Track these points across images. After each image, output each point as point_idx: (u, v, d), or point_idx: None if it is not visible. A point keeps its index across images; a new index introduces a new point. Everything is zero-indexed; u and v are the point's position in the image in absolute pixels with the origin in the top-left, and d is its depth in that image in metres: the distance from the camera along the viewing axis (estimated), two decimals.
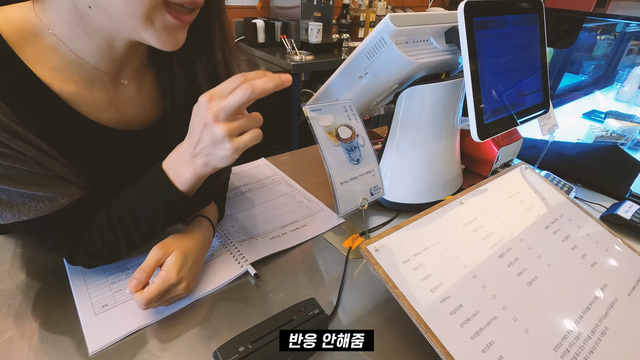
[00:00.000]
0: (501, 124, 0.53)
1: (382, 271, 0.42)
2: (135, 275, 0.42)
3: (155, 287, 0.42)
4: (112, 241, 0.45)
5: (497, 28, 0.51)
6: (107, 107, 0.45)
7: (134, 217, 0.44)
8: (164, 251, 0.44)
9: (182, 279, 0.45)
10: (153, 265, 0.43)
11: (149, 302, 0.42)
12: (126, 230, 0.45)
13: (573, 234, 0.55)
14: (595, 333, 0.43)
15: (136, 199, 0.44)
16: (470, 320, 0.40)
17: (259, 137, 0.39)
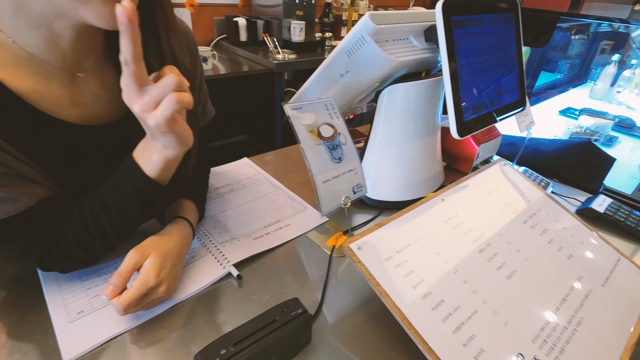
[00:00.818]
0: (480, 121, 0.54)
1: (364, 269, 0.42)
2: (111, 280, 0.41)
3: (134, 292, 0.41)
4: (87, 239, 0.44)
5: (475, 27, 0.52)
6: (68, 104, 0.43)
7: (107, 211, 0.43)
8: (141, 254, 0.43)
9: (161, 282, 0.44)
10: (130, 269, 0.42)
11: (127, 307, 0.41)
12: (100, 225, 0.43)
13: (550, 228, 0.57)
14: (571, 323, 0.44)
15: (109, 191, 0.43)
16: (451, 315, 0.41)
17: (173, 103, 0.36)
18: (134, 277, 0.43)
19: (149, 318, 0.45)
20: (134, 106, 0.37)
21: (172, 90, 0.36)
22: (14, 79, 0.39)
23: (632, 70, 1.52)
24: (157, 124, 0.37)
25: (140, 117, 0.38)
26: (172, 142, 0.40)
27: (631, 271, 0.54)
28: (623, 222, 0.66)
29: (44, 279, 0.49)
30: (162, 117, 0.36)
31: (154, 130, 0.38)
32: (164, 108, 0.36)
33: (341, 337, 0.45)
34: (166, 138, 0.39)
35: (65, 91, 0.43)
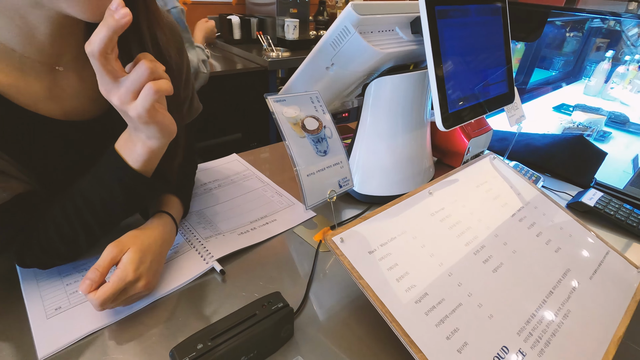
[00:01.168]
0: (466, 113, 0.54)
1: (347, 262, 0.41)
2: (88, 275, 0.40)
3: (111, 286, 0.40)
4: (70, 234, 0.43)
5: (460, 17, 0.51)
6: (46, 98, 0.42)
7: (90, 204, 0.42)
8: (119, 249, 0.42)
9: (140, 277, 0.43)
10: (107, 264, 0.41)
11: (104, 302, 0.40)
12: (84, 219, 0.43)
13: (538, 221, 0.56)
14: (557, 316, 0.43)
15: (92, 184, 0.42)
16: (435, 308, 0.40)
17: (151, 92, 0.35)
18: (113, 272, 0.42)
19: (128, 314, 0.44)
20: (112, 98, 0.36)
21: (147, 77, 0.35)
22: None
23: (626, 67, 1.52)
24: (138, 115, 0.36)
25: (121, 110, 0.37)
26: (155, 132, 0.39)
27: (619, 264, 0.54)
28: (613, 215, 0.65)
29: (22, 274, 0.48)
30: (143, 107, 0.36)
31: (136, 122, 0.37)
32: (143, 99, 0.35)
33: (325, 332, 0.44)
34: (149, 129, 0.39)
35: (43, 85, 0.42)
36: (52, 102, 0.43)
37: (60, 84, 0.44)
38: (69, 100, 0.45)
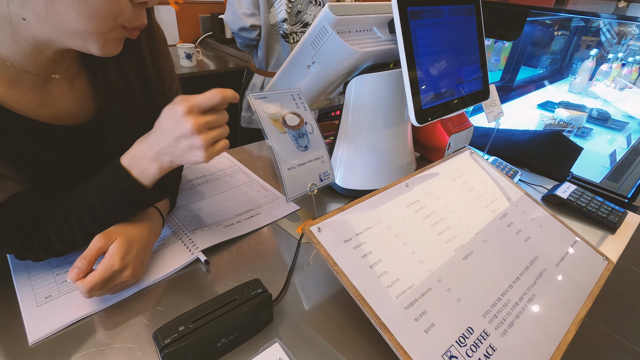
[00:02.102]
0: (440, 109, 0.56)
1: (322, 249, 0.44)
2: (76, 263, 0.42)
3: (98, 274, 0.42)
4: (70, 236, 0.46)
5: (433, 17, 0.53)
6: (38, 104, 0.44)
7: (93, 211, 0.45)
8: (106, 239, 0.44)
9: (126, 266, 0.45)
10: (94, 253, 0.43)
11: (91, 289, 0.42)
12: (85, 224, 0.45)
13: (511, 213, 0.59)
14: (522, 300, 0.46)
15: (95, 194, 0.45)
16: (405, 293, 0.42)
17: (227, 146, 0.44)
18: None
19: (116, 301, 0.46)
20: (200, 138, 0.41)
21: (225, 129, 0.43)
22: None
23: (609, 65, 1.56)
24: (209, 158, 0.43)
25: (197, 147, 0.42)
26: (189, 163, 0.44)
27: (586, 252, 0.57)
28: (584, 207, 0.68)
29: (14, 265, 0.50)
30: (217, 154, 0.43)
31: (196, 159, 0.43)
32: (221, 148, 0.44)
33: (304, 318, 0.47)
34: (188, 162, 0.44)
35: (36, 93, 0.44)
36: (44, 108, 0.45)
37: (51, 91, 0.46)
38: (59, 105, 0.47)
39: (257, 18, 1.30)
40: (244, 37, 1.35)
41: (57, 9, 0.35)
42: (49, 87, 0.45)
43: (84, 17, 0.36)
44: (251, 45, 1.40)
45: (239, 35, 1.34)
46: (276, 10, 1.30)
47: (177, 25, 1.93)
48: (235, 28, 1.32)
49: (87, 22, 0.37)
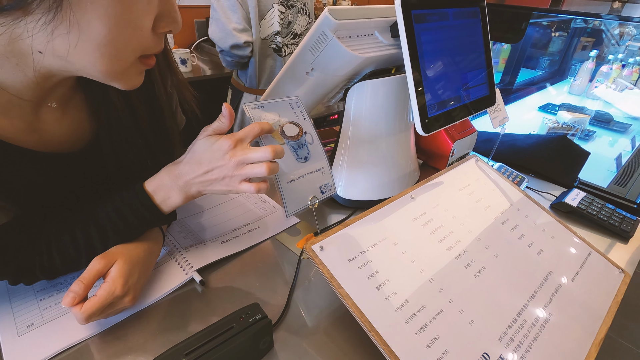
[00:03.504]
0: (446, 116, 0.53)
1: (326, 271, 0.41)
2: (72, 287, 0.39)
3: (98, 301, 0.39)
4: (74, 257, 0.44)
5: (438, 21, 0.51)
6: (28, 131, 0.41)
7: (104, 234, 0.43)
8: (106, 261, 0.41)
9: (128, 291, 0.42)
10: (93, 277, 0.40)
11: (89, 316, 0.39)
12: (92, 246, 0.43)
13: (521, 224, 0.56)
14: (539, 320, 0.43)
15: (109, 217, 0.43)
16: (415, 316, 0.40)
17: (259, 191, 0.45)
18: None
19: (104, 329, 0.43)
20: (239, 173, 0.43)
21: None
22: None
23: (609, 66, 1.54)
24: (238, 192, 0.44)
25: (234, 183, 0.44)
26: (216, 192, 0.46)
27: (601, 265, 0.54)
28: (595, 215, 0.65)
29: None
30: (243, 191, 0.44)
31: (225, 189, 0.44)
32: (266, 187, 0.45)
33: (306, 342, 0.44)
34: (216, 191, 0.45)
35: (25, 119, 0.41)
36: (34, 134, 0.42)
37: (43, 118, 0.43)
38: (50, 132, 0.43)
39: (249, 33, 1.20)
40: (235, 55, 1.23)
41: (81, 50, 0.33)
42: (40, 112, 0.42)
43: (109, 57, 0.34)
44: (241, 63, 1.29)
45: (230, 53, 1.22)
46: (268, 23, 1.23)
47: None
48: (226, 46, 1.20)
49: (110, 61, 0.35)
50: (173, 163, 0.46)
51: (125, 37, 0.34)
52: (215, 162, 0.43)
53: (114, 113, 0.47)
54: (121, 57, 0.35)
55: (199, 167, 0.43)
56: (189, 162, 0.44)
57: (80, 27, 0.32)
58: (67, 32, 0.32)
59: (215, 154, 0.43)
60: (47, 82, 0.39)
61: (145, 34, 0.36)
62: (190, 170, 0.44)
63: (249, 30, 1.21)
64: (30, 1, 0.29)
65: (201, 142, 0.44)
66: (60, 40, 0.32)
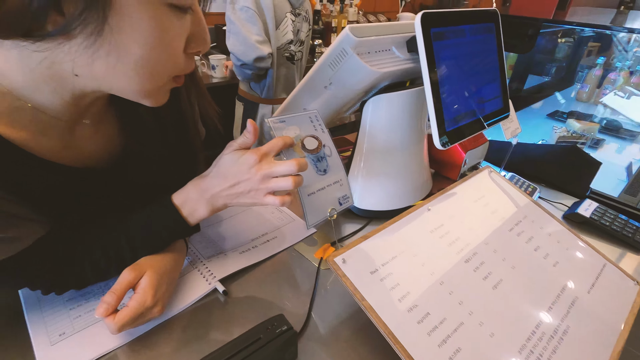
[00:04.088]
0: (463, 130, 0.54)
1: (349, 283, 0.42)
2: (105, 298, 0.40)
3: (130, 311, 0.41)
4: (104, 269, 0.45)
5: (455, 38, 0.52)
6: (63, 148, 0.42)
7: (134, 246, 0.45)
8: (136, 273, 0.43)
9: (158, 301, 0.43)
10: (124, 288, 0.42)
11: (122, 326, 0.40)
12: (122, 258, 0.45)
13: (536, 235, 0.57)
14: (557, 332, 0.44)
15: (139, 230, 0.45)
16: (437, 328, 0.41)
17: (283, 204, 0.46)
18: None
19: (133, 338, 0.44)
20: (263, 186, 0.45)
21: None
22: (8, 129, 0.37)
23: (617, 73, 1.54)
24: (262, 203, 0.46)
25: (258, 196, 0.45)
26: (241, 204, 0.47)
27: (617, 276, 0.55)
28: (609, 226, 0.66)
29: (25, 300, 0.48)
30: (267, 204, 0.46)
31: (250, 202, 0.46)
32: (290, 201, 0.46)
33: (328, 353, 0.45)
34: (241, 203, 0.47)
35: (62, 137, 0.43)
36: (69, 151, 0.43)
37: (77, 135, 0.44)
38: (83, 149, 0.45)
39: (269, 44, 1.20)
40: (256, 68, 1.21)
41: (118, 71, 0.34)
42: (75, 130, 0.44)
43: (144, 77, 0.36)
44: (259, 75, 1.28)
45: (252, 66, 1.20)
46: (282, 32, 1.24)
47: None
48: (250, 59, 1.18)
49: (145, 82, 0.36)
50: (199, 177, 0.47)
51: (160, 59, 0.36)
52: (242, 176, 0.44)
53: (142, 128, 0.48)
54: (156, 77, 0.37)
55: (226, 180, 0.45)
56: (216, 175, 0.45)
57: (119, 50, 0.33)
58: (106, 55, 0.33)
59: (242, 168, 0.44)
60: (82, 102, 0.40)
61: (178, 55, 0.37)
62: (217, 183, 0.45)
63: (268, 41, 1.21)
64: (74, 27, 0.31)
65: (227, 156, 0.46)
66: (99, 62, 0.34)
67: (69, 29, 0.31)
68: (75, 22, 0.30)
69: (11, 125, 0.37)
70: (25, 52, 0.33)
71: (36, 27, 0.30)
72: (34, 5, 0.28)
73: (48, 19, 0.30)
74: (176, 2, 0.34)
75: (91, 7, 0.30)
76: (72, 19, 0.30)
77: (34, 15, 0.29)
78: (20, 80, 0.36)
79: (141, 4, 0.32)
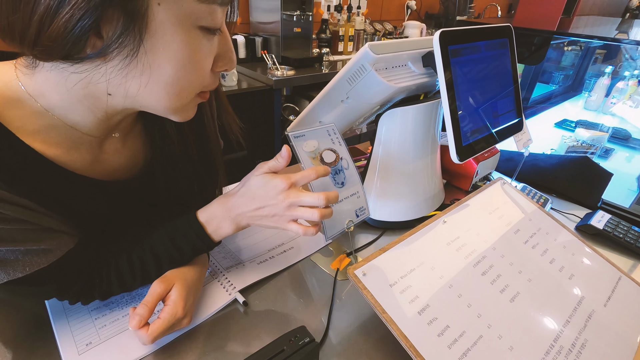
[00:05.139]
0: (479, 144, 0.55)
1: (370, 296, 0.43)
2: (137, 311, 0.42)
3: (162, 322, 0.42)
4: (130, 281, 0.47)
5: (471, 54, 0.53)
6: (92, 163, 0.44)
7: (158, 261, 0.46)
8: (165, 285, 0.44)
9: (187, 312, 0.45)
10: (156, 300, 0.43)
11: (155, 338, 0.42)
12: (147, 271, 0.46)
13: (551, 247, 0.57)
14: (575, 346, 0.44)
15: (165, 245, 0.46)
16: (457, 341, 0.41)
17: (306, 234, 0.46)
18: None
19: (156, 348, 0.45)
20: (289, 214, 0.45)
21: None
22: (41, 144, 0.38)
23: (626, 82, 1.55)
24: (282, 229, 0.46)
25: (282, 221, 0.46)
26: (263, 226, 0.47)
27: (632, 289, 0.55)
28: (622, 238, 0.66)
29: (52, 310, 0.49)
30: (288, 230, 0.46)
31: (273, 225, 0.46)
32: (313, 233, 0.46)
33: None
34: (264, 225, 0.47)
35: (92, 152, 0.44)
36: (98, 165, 0.45)
37: (106, 149, 0.46)
38: (112, 161, 0.47)
39: None
40: None
41: (150, 89, 0.36)
42: (104, 145, 0.45)
43: (173, 95, 0.37)
44: None
45: None
46: None
47: None
48: None
49: (174, 99, 0.38)
50: (225, 195, 0.48)
51: (190, 77, 0.37)
52: (269, 200, 0.44)
53: (168, 142, 0.49)
54: (184, 94, 0.38)
55: (252, 202, 0.45)
56: (243, 195, 0.46)
57: (152, 70, 0.35)
58: (140, 74, 0.35)
59: (270, 193, 0.44)
60: (114, 119, 0.42)
61: (207, 74, 0.39)
62: (243, 203, 0.46)
63: None
64: (112, 50, 0.32)
65: (257, 178, 0.46)
66: (133, 82, 0.35)
67: (107, 51, 0.32)
68: (113, 45, 0.32)
69: (46, 142, 0.39)
70: (64, 73, 0.35)
71: (76, 51, 0.32)
72: (76, 30, 0.30)
73: (88, 42, 0.31)
74: (206, 24, 0.35)
75: (128, 31, 0.31)
76: (111, 42, 0.32)
77: (75, 39, 0.30)
78: (57, 99, 0.37)
79: (174, 26, 0.33)
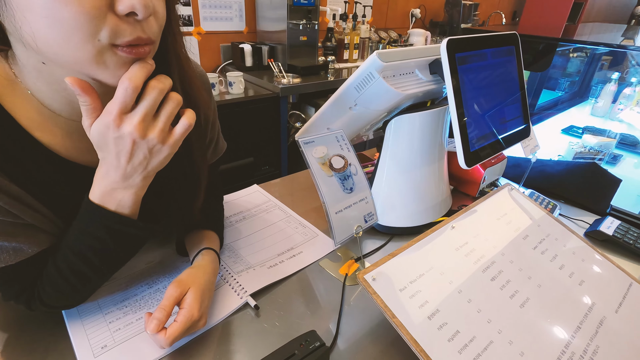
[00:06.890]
0: (486, 150, 0.56)
1: (380, 301, 0.43)
2: (155, 315, 0.42)
3: (180, 326, 0.42)
4: (66, 288, 0.43)
5: (478, 61, 0.54)
6: (88, 150, 0.43)
7: (83, 257, 0.42)
8: (181, 288, 0.45)
9: (202, 315, 0.45)
10: (172, 303, 0.44)
11: (174, 340, 0.42)
12: (79, 272, 0.43)
13: (560, 253, 0.57)
14: (587, 352, 0.44)
15: (78, 239, 0.42)
16: (467, 347, 0.41)
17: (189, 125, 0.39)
18: None
19: (171, 351, 0.46)
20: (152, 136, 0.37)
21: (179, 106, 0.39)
22: (38, 131, 0.40)
23: (633, 88, 1.54)
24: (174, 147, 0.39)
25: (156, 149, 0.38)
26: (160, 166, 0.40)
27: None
28: (632, 244, 0.66)
29: (67, 313, 0.50)
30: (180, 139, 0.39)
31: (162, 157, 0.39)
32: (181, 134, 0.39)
33: None
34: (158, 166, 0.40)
35: (85, 140, 0.42)
36: (93, 154, 0.45)
37: None
38: None
39: None
40: None
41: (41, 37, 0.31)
42: None
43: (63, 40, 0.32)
44: None
45: None
46: None
47: (200, 55, 1.99)
48: None
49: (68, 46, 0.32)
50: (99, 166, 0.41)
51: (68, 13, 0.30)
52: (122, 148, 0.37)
53: None
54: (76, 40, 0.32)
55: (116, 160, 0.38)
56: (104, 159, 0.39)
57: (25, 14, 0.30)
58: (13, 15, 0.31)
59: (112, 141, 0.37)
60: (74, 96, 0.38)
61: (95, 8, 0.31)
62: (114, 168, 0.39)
63: None
64: None
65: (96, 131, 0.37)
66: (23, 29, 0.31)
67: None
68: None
69: (42, 129, 0.40)
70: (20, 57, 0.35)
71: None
72: None
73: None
74: None
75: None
76: None
77: None
78: (32, 84, 0.38)
79: None
